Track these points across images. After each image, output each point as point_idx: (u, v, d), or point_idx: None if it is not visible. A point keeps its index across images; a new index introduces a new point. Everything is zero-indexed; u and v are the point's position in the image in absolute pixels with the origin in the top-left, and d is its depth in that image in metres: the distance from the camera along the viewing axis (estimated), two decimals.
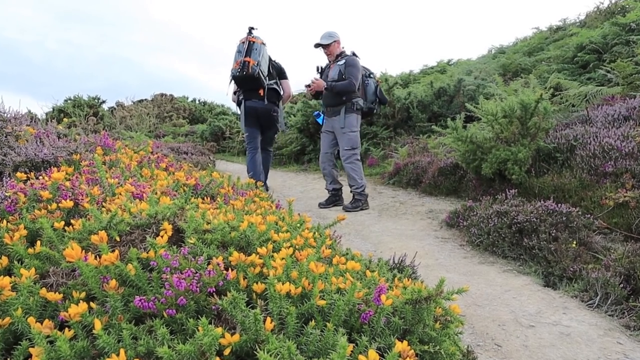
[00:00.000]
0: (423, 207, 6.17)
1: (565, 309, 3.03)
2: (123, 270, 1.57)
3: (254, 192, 3.60)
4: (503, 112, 5.55)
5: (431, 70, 18.39)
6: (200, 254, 1.80)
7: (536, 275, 3.62)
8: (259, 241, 2.05)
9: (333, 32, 6.45)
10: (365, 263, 2.53)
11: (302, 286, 1.63)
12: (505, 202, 4.59)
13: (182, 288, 1.49)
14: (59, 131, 4.80)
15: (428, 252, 4.28)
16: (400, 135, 10.40)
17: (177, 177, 3.30)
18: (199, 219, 2.05)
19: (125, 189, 2.61)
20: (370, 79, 6.50)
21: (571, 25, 14.63)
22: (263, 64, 6.47)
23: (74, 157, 3.44)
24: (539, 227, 3.96)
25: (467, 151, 5.79)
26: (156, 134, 18.64)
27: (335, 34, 6.45)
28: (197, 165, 8.42)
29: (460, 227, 4.83)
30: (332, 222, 2.76)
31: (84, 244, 1.82)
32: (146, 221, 2.00)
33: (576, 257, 3.61)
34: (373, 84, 6.49)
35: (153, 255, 1.69)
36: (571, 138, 5.60)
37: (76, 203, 2.32)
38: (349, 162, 6.34)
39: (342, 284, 1.74)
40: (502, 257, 4.09)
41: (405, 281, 2.09)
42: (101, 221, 1.91)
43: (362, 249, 4.33)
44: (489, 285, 3.44)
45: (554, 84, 8.29)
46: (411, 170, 7.64)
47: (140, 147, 5.25)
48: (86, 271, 1.51)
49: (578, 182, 4.93)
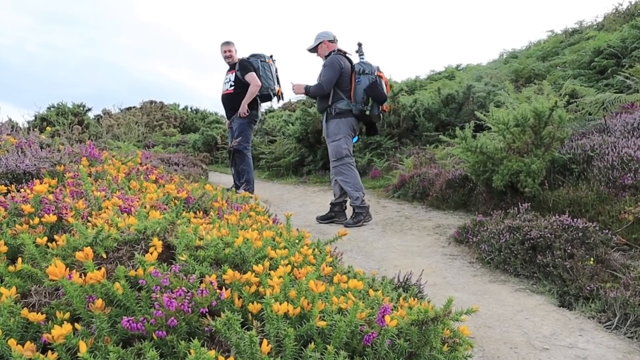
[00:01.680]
0: (430, 221, 6.17)
1: (581, 330, 3.03)
2: (110, 289, 1.57)
3: (249, 206, 3.61)
4: (515, 121, 5.57)
5: (439, 76, 18.47)
6: (192, 271, 1.81)
7: (550, 295, 3.62)
8: (255, 258, 2.06)
9: (321, 33, 6.46)
10: (368, 281, 2.53)
11: (300, 306, 1.63)
12: (517, 217, 4.59)
13: (173, 308, 1.49)
14: (42, 141, 4.82)
15: (435, 269, 4.28)
16: (406, 146, 10.42)
17: (168, 189, 3.31)
18: (190, 235, 2.06)
19: (112, 203, 2.62)
20: (363, 76, 6.27)
21: (588, 28, 14.70)
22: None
23: (58, 169, 3.45)
24: (553, 244, 3.96)
25: (476, 162, 5.79)
26: (145, 144, 18.69)
27: (323, 34, 6.45)
28: (188, 177, 8.42)
29: (470, 244, 4.83)
30: (332, 238, 2.77)
31: (68, 261, 1.83)
32: (134, 237, 2.00)
33: (593, 275, 3.61)
34: (368, 80, 6.26)
35: (142, 273, 1.69)
36: (588, 148, 5.61)
37: (60, 217, 2.33)
38: (338, 174, 6.35)
39: (344, 304, 1.74)
40: (514, 276, 4.08)
41: (411, 301, 2.10)
42: (86, 237, 1.92)
43: (364, 266, 4.33)
44: (500, 305, 3.44)
45: (569, 90, 8.31)
46: (417, 183, 7.64)
47: (128, 157, 5.27)
48: (70, 290, 1.52)
49: (595, 195, 4.94)
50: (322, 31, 6.48)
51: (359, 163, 10.34)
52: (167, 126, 24.37)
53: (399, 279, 3.20)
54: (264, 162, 13.62)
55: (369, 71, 6.28)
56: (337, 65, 6.18)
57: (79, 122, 18.00)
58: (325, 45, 6.43)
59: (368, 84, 6.21)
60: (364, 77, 6.24)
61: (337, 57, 6.23)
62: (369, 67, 6.32)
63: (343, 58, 6.29)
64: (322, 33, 6.46)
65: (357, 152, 10.84)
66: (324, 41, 6.43)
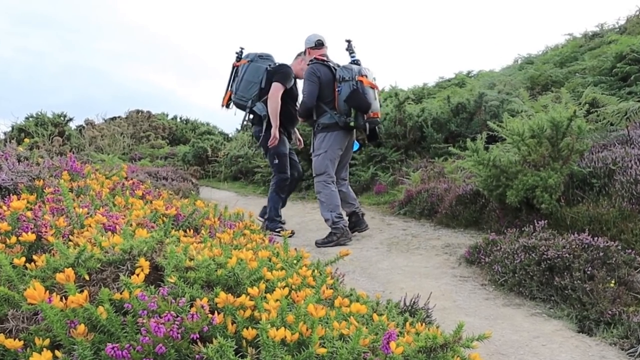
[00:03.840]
0: (439, 240, 6.17)
1: (602, 358, 3.03)
2: (93, 314, 1.58)
3: (243, 224, 3.62)
4: (531, 132, 5.58)
5: (448, 83, 18.52)
6: (182, 294, 1.81)
7: (569, 320, 3.62)
8: (250, 280, 2.06)
9: (306, 39, 6.52)
10: (372, 305, 2.53)
11: (299, 332, 1.64)
12: (533, 235, 4.59)
13: (161, 334, 1.50)
14: (20, 153, 4.84)
15: (444, 292, 4.28)
16: (413, 158, 10.42)
17: (156, 206, 3.32)
18: (180, 255, 2.06)
19: (95, 220, 2.62)
20: (344, 83, 6.05)
21: (609, 32, 14.76)
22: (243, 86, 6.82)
23: (37, 184, 3.46)
24: (572, 264, 3.96)
25: (489, 176, 5.80)
26: (131, 157, 18.70)
27: (306, 40, 6.51)
28: (178, 192, 8.43)
29: (482, 264, 4.83)
30: (333, 258, 2.78)
31: (48, 284, 1.84)
32: (120, 257, 2.01)
33: (615, 298, 3.60)
34: (349, 87, 6.01)
35: (127, 297, 1.70)
36: (609, 161, 5.61)
37: (39, 236, 2.33)
38: (317, 190, 6.40)
39: (346, 330, 1.74)
40: (529, 299, 4.08)
41: (418, 326, 2.10)
42: (68, 257, 1.93)
43: (368, 289, 4.33)
44: (514, 331, 3.44)
45: (589, 99, 8.33)
46: (425, 199, 7.64)
47: (113, 171, 5.29)
48: (50, 314, 1.52)
49: (617, 212, 4.94)
50: (306, 37, 6.52)
51: (362, 177, 10.36)
52: (154, 137, 24.40)
53: (406, 303, 3.20)
54: (260, 176, 13.62)
55: (349, 77, 6.04)
56: (314, 77, 6.11)
57: (60, 133, 18.05)
58: (308, 53, 6.48)
59: (348, 91, 6.00)
60: (344, 84, 6.04)
61: (313, 68, 6.16)
62: (349, 72, 6.06)
63: (321, 67, 6.20)
64: (306, 40, 6.50)
65: (360, 165, 10.85)
66: (306, 49, 6.49)
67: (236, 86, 6.85)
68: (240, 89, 6.81)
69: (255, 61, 6.78)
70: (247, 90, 6.77)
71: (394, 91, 12.08)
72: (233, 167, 16.27)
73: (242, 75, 6.80)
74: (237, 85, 6.84)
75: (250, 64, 6.78)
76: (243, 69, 6.83)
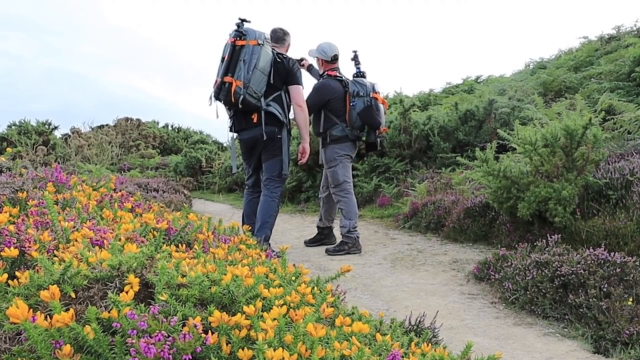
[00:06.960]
0: (446, 256, 6.17)
1: None
2: (79, 334, 1.58)
3: (239, 238, 3.62)
4: (544, 141, 5.59)
5: (456, 89, 18.58)
6: (174, 313, 1.81)
7: (584, 340, 3.62)
8: (246, 298, 2.06)
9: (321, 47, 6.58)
10: (376, 325, 2.54)
11: (298, 353, 1.64)
12: (546, 251, 4.59)
13: (152, 355, 1.50)
14: (2, 164, 4.85)
15: (452, 311, 4.28)
16: (418, 169, 10.42)
17: (146, 219, 3.32)
18: (172, 271, 2.07)
19: (82, 234, 2.63)
20: (358, 99, 6.44)
21: (627, 35, 14.80)
22: (256, 78, 5.44)
23: (20, 196, 3.46)
24: (587, 281, 3.96)
25: (499, 188, 5.81)
26: (120, 167, 18.74)
27: (321, 50, 6.56)
28: (169, 205, 8.44)
29: (492, 281, 4.83)
30: (334, 274, 2.78)
31: (32, 302, 1.84)
32: (107, 273, 2.01)
33: (633, 317, 3.60)
34: (363, 103, 6.46)
35: (116, 315, 1.70)
36: (627, 172, 5.62)
37: (22, 251, 2.33)
38: (337, 200, 6.67)
39: (347, 350, 1.75)
40: (542, 318, 4.08)
41: (424, 347, 2.10)
42: (53, 273, 1.93)
43: (371, 307, 4.33)
44: (526, 352, 3.44)
45: (605, 106, 8.35)
46: (431, 212, 7.65)
47: (100, 183, 5.29)
48: (34, 334, 1.53)
49: (635, 225, 4.94)
50: (324, 43, 6.59)
51: (365, 189, 10.35)
52: (144, 147, 24.44)
53: (411, 322, 3.20)
54: None
55: (364, 93, 6.48)
56: (323, 92, 6.41)
57: (44, 142, 18.09)
58: (321, 63, 6.63)
59: (362, 107, 6.44)
60: (359, 100, 6.45)
61: (327, 83, 6.43)
62: (364, 88, 6.50)
63: (334, 82, 6.46)
64: (321, 48, 6.57)
65: (363, 176, 10.85)
66: (319, 59, 6.61)
67: (247, 77, 5.38)
68: (252, 81, 5.42)
69: (264, 45, 5.51)
70: (259, 84, 5.48)
71: (399, 98, 12.14)
72: (228, 178, 16.27)
73: (254, 61, 5.40)
74: (249, 75, 5.39)
75: (263, 49, 5.47)
76: (251, 53, 5.43)
